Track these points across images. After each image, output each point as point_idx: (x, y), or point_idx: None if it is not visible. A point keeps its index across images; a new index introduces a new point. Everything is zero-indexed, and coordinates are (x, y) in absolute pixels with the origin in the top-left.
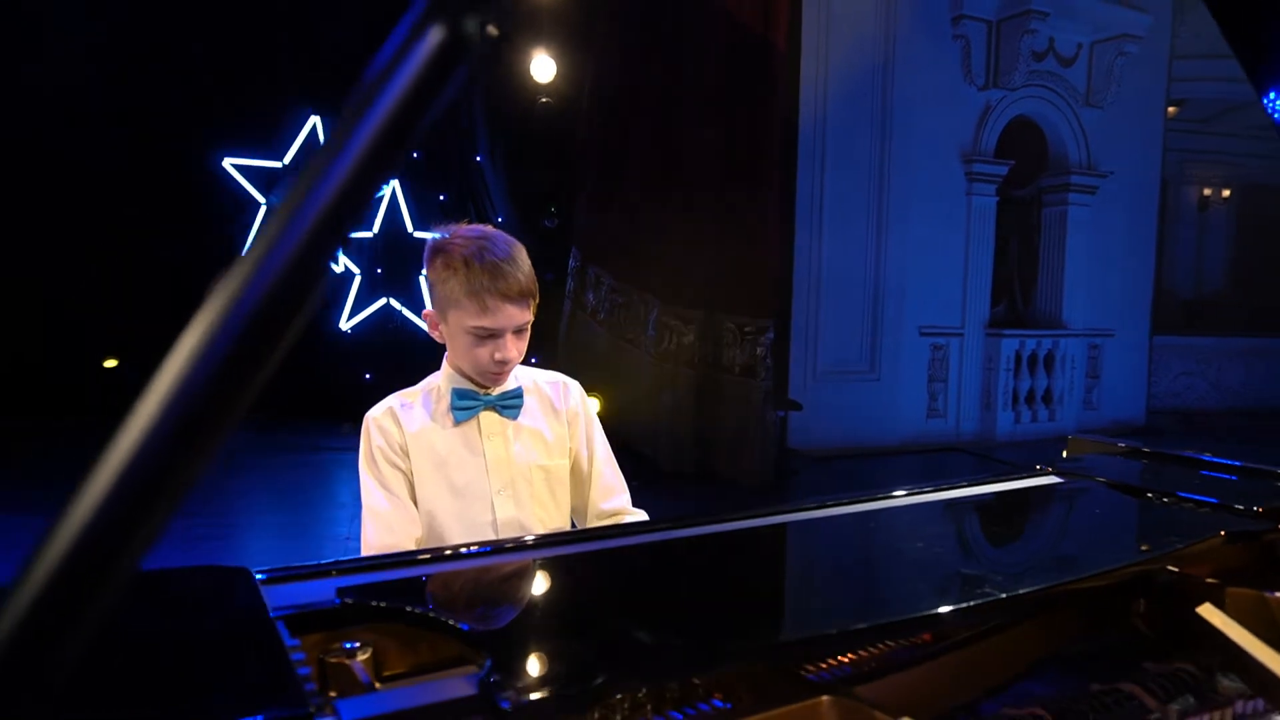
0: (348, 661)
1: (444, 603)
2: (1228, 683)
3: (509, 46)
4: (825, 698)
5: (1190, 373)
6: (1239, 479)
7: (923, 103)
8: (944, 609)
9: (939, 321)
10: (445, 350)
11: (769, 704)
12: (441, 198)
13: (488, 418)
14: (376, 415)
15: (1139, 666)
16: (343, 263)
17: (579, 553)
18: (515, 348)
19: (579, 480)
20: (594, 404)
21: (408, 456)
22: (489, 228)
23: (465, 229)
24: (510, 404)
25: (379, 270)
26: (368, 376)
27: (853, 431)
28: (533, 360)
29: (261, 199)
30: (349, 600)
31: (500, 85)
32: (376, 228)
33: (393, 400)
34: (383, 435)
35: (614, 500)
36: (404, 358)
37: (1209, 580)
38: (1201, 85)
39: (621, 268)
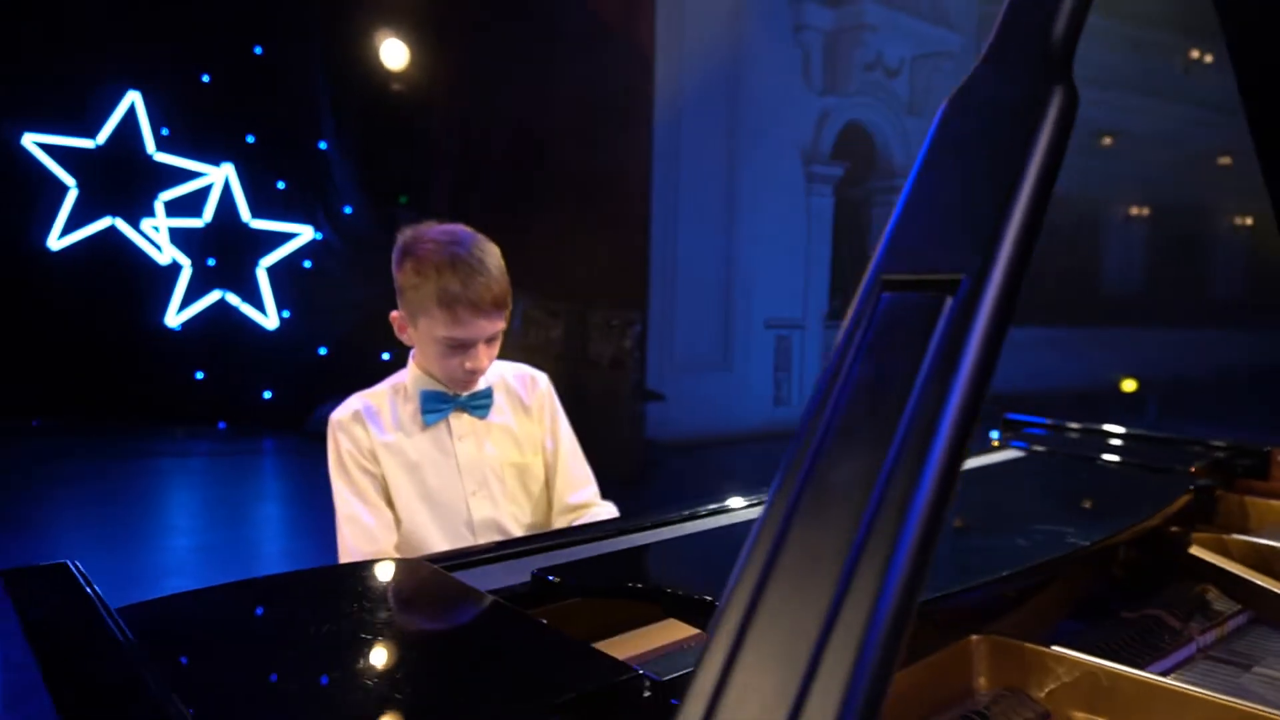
0: None
1: (672, 577)
2: (1217, 605)
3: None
4: (974, 636)
5: None
6: (1152, 445)
7: (768, 105)
8: (1058, 554)
9: (783, 314)
10: (412, 350)
11: (912, 653)
12: (280, 185)
13: (458, 418)
14: (342, 418)
15: (1151, 598)
16: (169, 254)
17: (731, 523)
18: (487, 356)
19: (546, 473)
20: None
21: (378, 462)
22: (460, 228)
23: (435, 229)
24: (480, 404)
25: (211, 262)
26: (199, 375)
27: (707, 421)
28: (384, 356)
29: (70, 181)
30: (551, 579)
31: (346, 69)
32: (209, 216)
33: (356, 403)
34: (350, 440)
35: (581, 493)
36: (239, 355)
37: (1173, 529)
38: None
39: None
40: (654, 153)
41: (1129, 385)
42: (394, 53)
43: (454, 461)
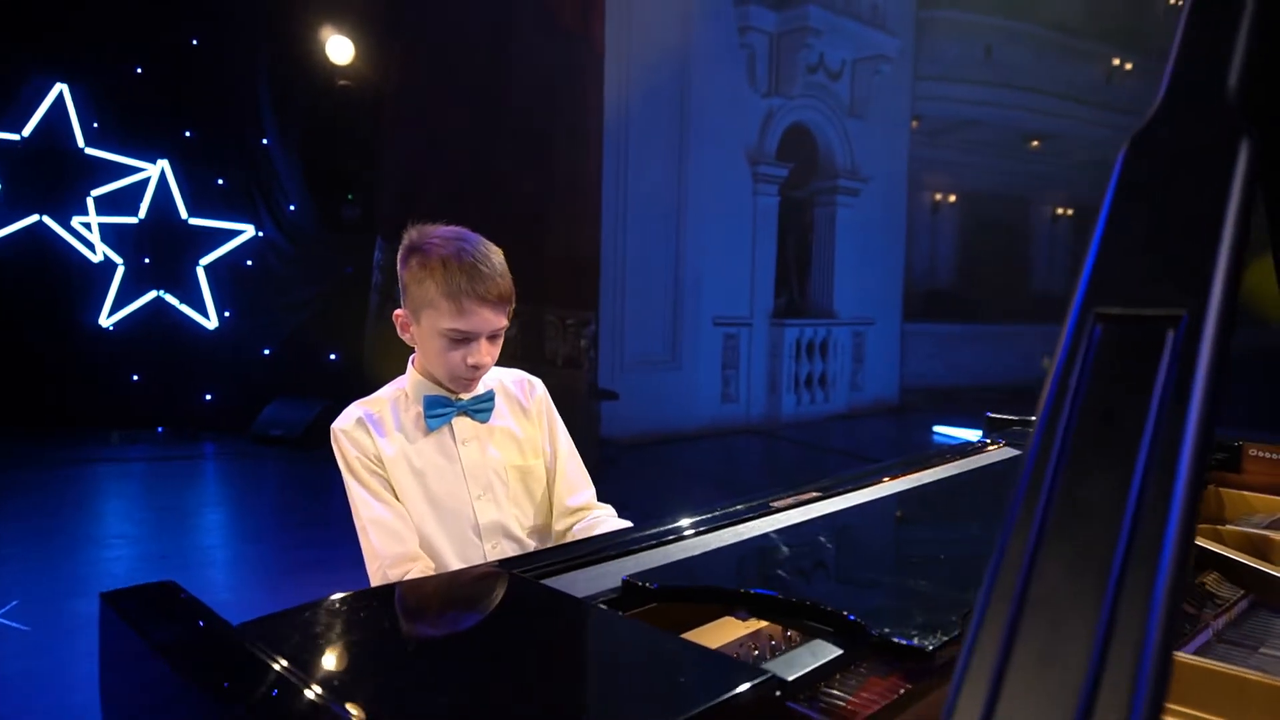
0: None
1: (772, 579)
2: (1221, 592)
3: (307, 25)
4: None
5: (932, 355)
6: None
7: (715, 106)
8: None
9: (730, 312)
10: (411, 357)
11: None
12: (220, 182)
13: (461, 422)
14: (345, 427)
15: None
16: (101, 251)
17: (802, 520)
18: (489, 353)
19: (547, 476)
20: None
21: (384, 468)
22: (464, 229)
23: (440, 229)
24: (482, 408)
25: (146, 260)
26: (135, 378)
27: (657, 418)
28: (331, 356)
29: None
30: (648, 584)
31: (290, 62)
32: (143, 213)
33: (357, 410)
34: (356, 446)
35: (579, 495)
36: (177, 356)
37: None
38: (935, 104)
39: None
40: (604, 152)
41: None
42: (339, 46)
43: (459, 466)
